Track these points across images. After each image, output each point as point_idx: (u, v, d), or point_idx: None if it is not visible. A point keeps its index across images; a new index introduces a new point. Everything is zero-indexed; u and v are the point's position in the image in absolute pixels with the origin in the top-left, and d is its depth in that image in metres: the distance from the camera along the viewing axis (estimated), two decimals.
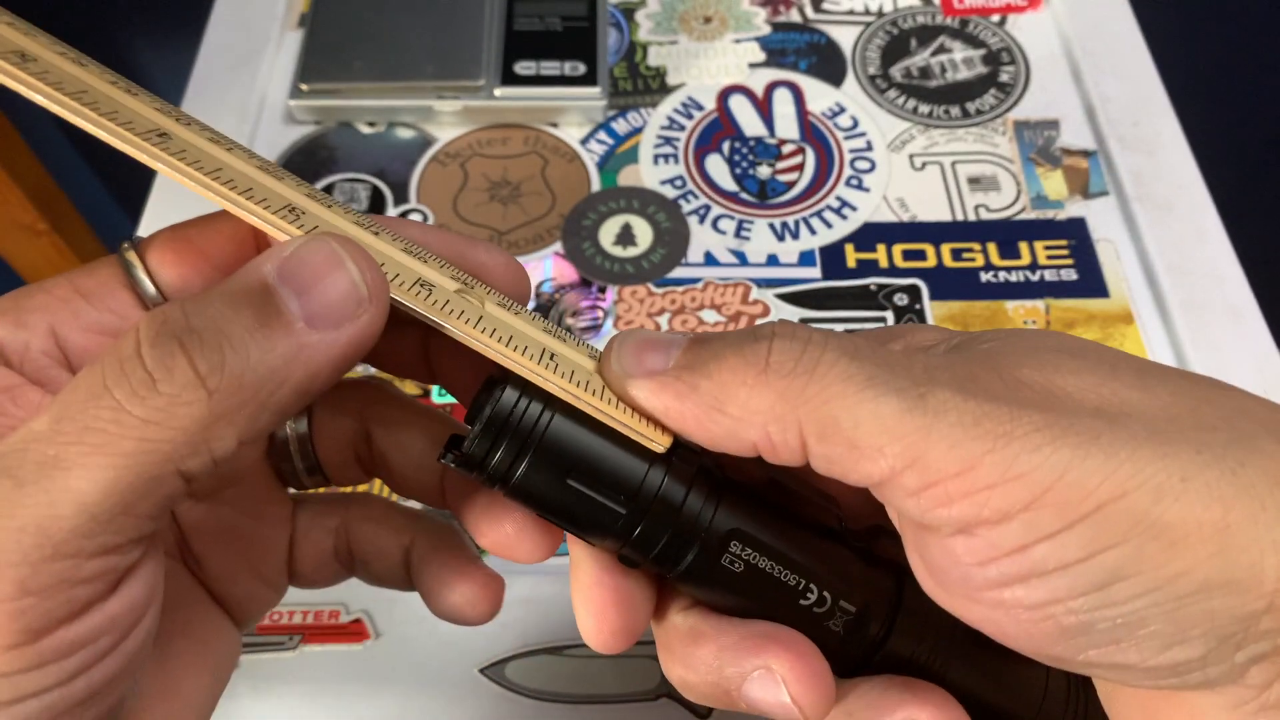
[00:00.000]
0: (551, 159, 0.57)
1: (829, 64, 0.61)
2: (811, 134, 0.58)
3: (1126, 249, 0.53)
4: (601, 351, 0.21)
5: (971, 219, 0.54)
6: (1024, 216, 0.54)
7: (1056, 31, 0.62)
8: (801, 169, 0.56)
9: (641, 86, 0.60)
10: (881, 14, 0.63)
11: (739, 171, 0.56)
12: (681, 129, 0.58)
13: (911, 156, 0.57)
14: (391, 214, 0.55)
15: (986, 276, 0.52)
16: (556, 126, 0.58)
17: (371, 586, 0.27)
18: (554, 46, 0.58)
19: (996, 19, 0.63)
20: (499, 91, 0.57)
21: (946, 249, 0.53)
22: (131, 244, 0.22)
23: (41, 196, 0.82)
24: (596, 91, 0.57)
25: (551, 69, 0.57)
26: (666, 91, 0.60)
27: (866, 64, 0.61)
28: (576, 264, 0.53)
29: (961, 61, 0.61)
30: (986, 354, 0.19)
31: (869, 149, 0.57)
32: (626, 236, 0.54)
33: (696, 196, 0.55)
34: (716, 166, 0.57)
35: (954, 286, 0.52)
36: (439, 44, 0.58)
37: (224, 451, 0.18)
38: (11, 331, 0.21)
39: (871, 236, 0.54)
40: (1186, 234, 0.53)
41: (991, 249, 0.53)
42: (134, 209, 0.53)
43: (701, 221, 0.54)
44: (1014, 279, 0.52)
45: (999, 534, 0.18)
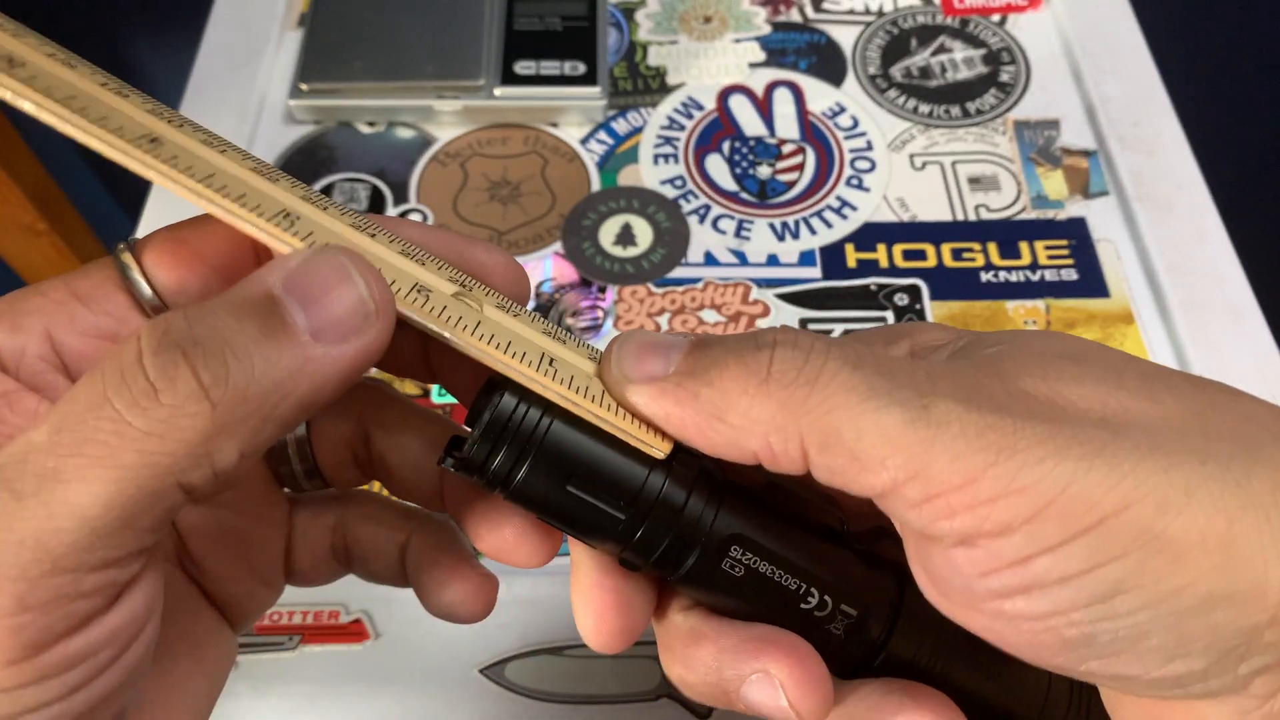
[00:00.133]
0: (551, 159, 0.57)
1: (829, 64, 0.61)
2: (812, 134, 0.58)
3: (1127, 249, 0.53)
4: (602, 354, 0.21)
5: (972, 219, 0.54)
6: (1024, 216, 0.54)
7: (1057, 31, 0.62)
8: (802, 169, 0.56)
9: (641, 86, 0.60)
10: (882, 14, 0.63)
11: (739, 171, 0.56)
12: (681, 129, 0.58)
13: (912, 156, 0.57)
14: (391, 214, 0.55)
15: (987, 276, 0.52)
16: (556, 126, 0.58)
17: (371, 587, 0.27)
18: (554, 46, 0.58)
19: (997, 19, 0.63)
20: (499, 91, 0.57)
21: (947, 249, 0.53)
22: (127, 245, 0.22)
23: (41, 196, 0.81)
24: (596, 91, 0.57)
25: (551, 69, 0.57)
26: (666, 91, 0.60)
27: (867, 64, 0.61)
28: (576, 264, 0.53)
29: (962, 61, 0.61)
30: (990, 360, 0.19)
31: (869, 149, 0.57)
32: (626, 236, 0.54)
33: (696, 196, 0.55)
34: (716, 166, 0.57)
35: (954, 286, 0.52)
36: (439, 44, 0.58)
37: (225, 464, 0.18)
38: (7, 336, 0.20)
39: (872, 236, 0.54)
40: (1187, 234, 0.53)
41: (992, 249, 0.53)
42: (134, 209, 0.53)
43: (701, 221, 0.54)
44: (1014, 279, 0.52)
45: (1001, 546, 0.18)
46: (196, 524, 0.24)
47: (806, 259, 0.53)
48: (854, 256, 0.53)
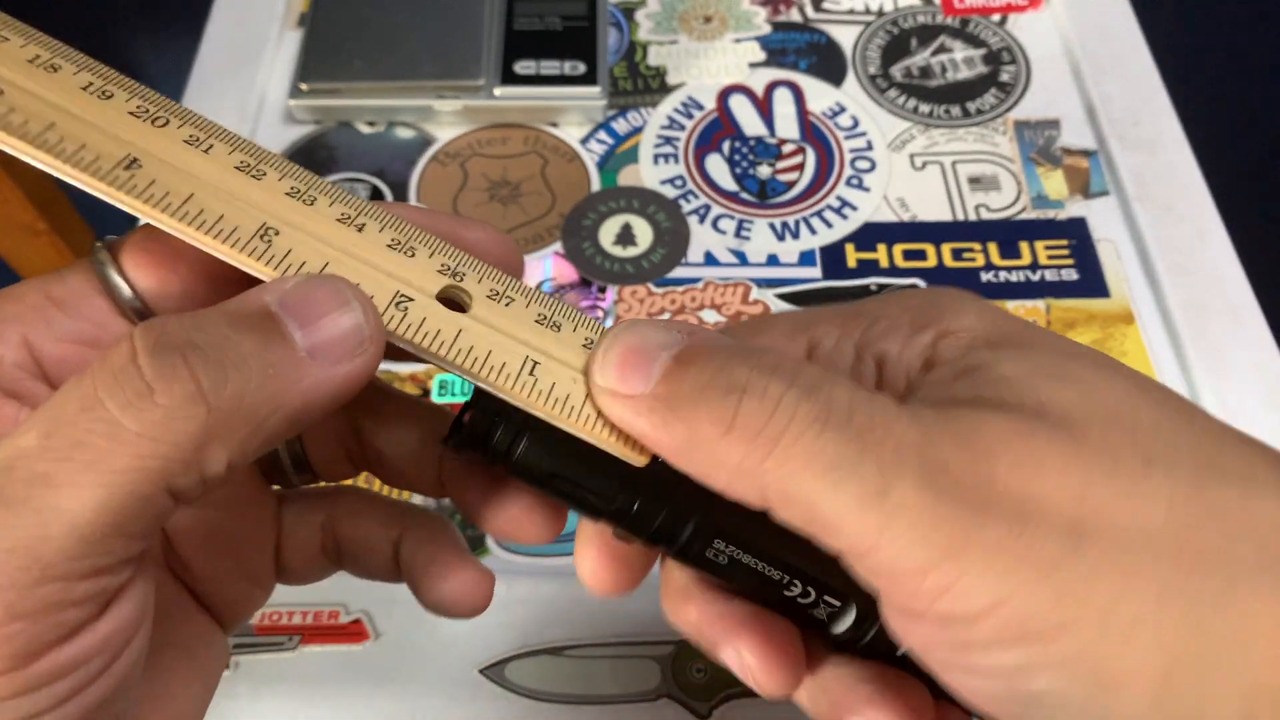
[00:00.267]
0: (551, 159, 0.57)
1: (829, 63, 0.61)
2: (812, 134, 0.58)
3: (1127, 249, 0.53)
4: (591, 351, 0.21)
5: (972, 219, 0.54)
6: (1024, 216, 0.54)
7: (1057, 31, 0.62)
8: (802, 169, 0.56)
9: (641, 86, 0.60)
10: (882, 13, 0.63)
11: (739, 171, 0.56)
12: (681, 129, 0.58)
13: (912, 156, 0.57)
14: None
15: (987, 276, 0.52)
16: (556, 126, 0.58)
17: (371, 587, 0.27)
18: (554, 46, 0.58)
19: (997, 18, 0.63)
20: (499, 91, 0.57)
21: (947, 249, 0.53)
22: (104, 245, 0.21)
23: (41, 196, 0.81)
24: (596, 91, 0.57)
25: (551, 69, 0.57)
26: (666, 91, 0.60)
27: (867, 63, 0.61)
28: (576, 264, 0.53)
29: (962, 61, 0.61)
30: (974, 428, 0.18)
31: (869, 149, 0.57)
32: (626, 236, 0.54)
33: (696, 196, 0.55)
34: (716, 166, 0.57)
35: (955, 286, 0.51)
36: (439, 44, 0.58)
37: (214, 472, 0.17)
38: None
39: (872, 236, 0.54)
40: (1187, 234, 0.53)
41: (992, 249, 0.53)
42: None
43: (701, 221, 0.54)
44: (1014, 279, 0.52)
45: (943, 631, 0.18)
46: (184, 526, 0.24)
47: (806, 259, 0.53)
48: (854, 256, 0.53)
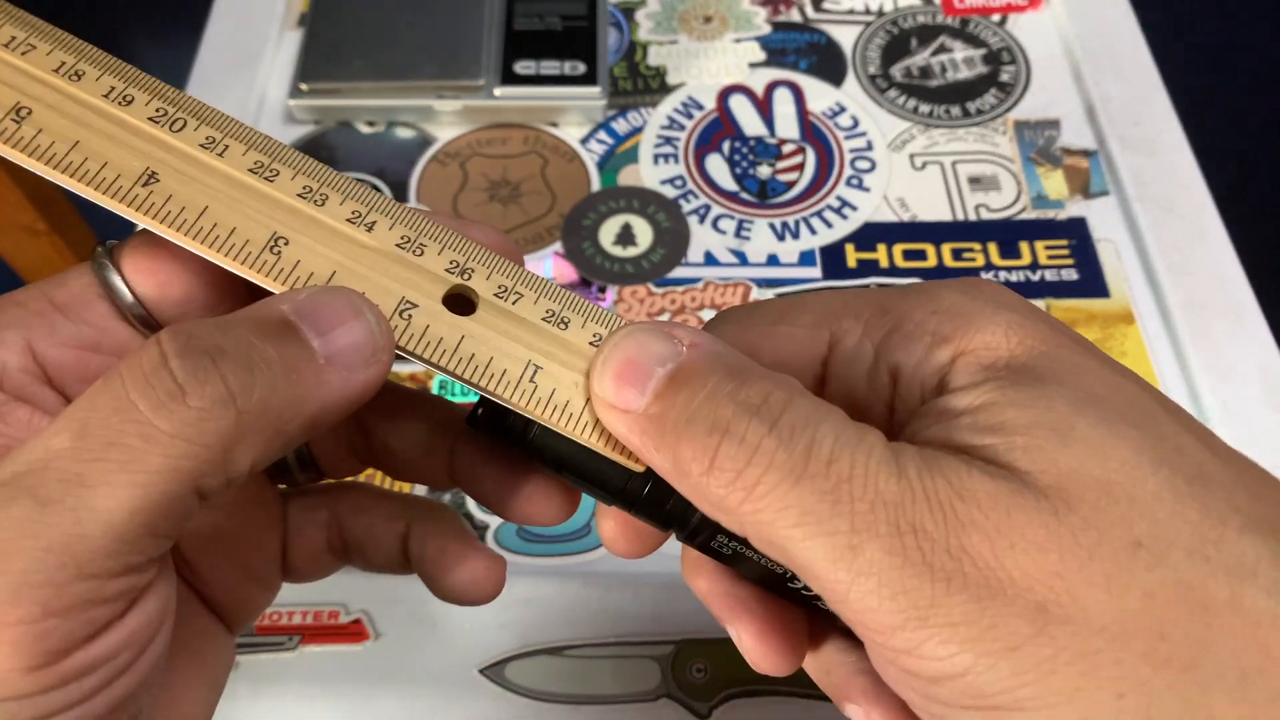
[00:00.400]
0: (551, 159, 0.57)
1: (829, 64, 0.61)
2: (812, 134, 0.58)
3: (1127, 249, 0.53)
4: (593, 357, 0.21)
5: (972, 219, 0.54)
6: (1024, 216, 0.54)
7: (1057, 31, 0.62)
8: (802, 169, 0.56)
9: (641, 86, 0.60)
10: (882, 13, 0.63)
11: (739, 171, 0.56)
12: (681, 129, 0.58)
13: (912, 156, 0.57)
14: None
15: (987, 276, 0.52)
16: (556, 126, 0.58)
17: (371, 586, 0.27)
18: (554, 46, 0.58)
19: (997, 19, 0.63)
20: (499, 91, 0.57)
21: (947, 249, 0.53)
22: (105, 250, 0.22)
23: (41, 196, 0.81)
24: (596, 91, 0.57)
25: (551, 69, 0.57)
26: (666, 91, 0.60)
27: (867, 63, 0.61)
28: (576, 264, 0.53)
29: (962, 61, 0.61)
30: (957, 492, 0.18)
31: (869, 149, 0.57)
32: (626, 236, 0.54)
33: (696, 196, 0.55)
34: (716, 166, 0.57)
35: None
36: (439, 44, 0.58)
37: (238, 473, 0.18)
38: None
39: (872, 236, 0.54)
40: (1187, 234, 0.53)
41: (992, 249, 0.53)
42: None
43: (701, 221, 0.54)
44: (1015, 279, 0.52)
45: (911, 680, 0.18)
46: (190, 529, 0.24)
47: (806, 259, 0.53)
48: (854, 256, 0.53)
